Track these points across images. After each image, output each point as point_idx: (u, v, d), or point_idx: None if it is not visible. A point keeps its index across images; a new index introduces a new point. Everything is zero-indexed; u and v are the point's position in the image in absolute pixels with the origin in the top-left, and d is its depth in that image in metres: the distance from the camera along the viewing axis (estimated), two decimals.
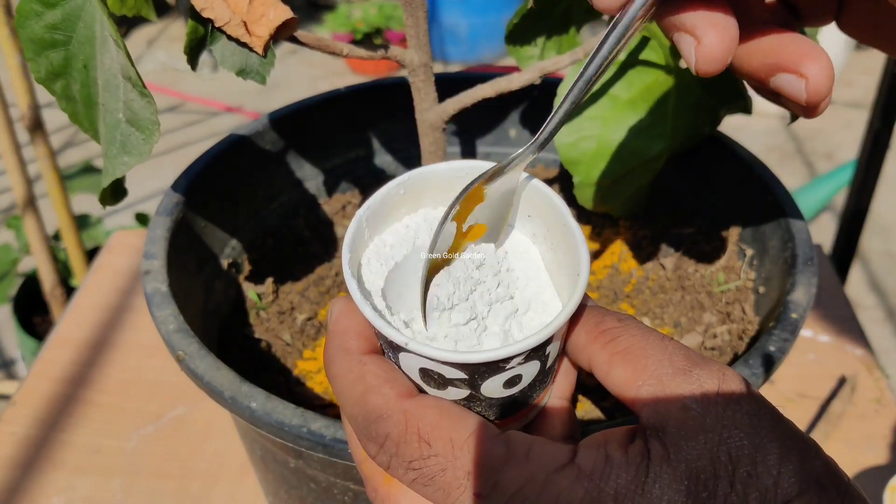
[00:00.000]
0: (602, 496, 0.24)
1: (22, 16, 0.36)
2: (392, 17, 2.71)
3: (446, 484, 0.26)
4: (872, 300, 1.77)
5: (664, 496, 0.23)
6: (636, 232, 0.57)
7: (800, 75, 0.28)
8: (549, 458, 0.25)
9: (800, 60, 0.28)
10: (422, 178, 0.32)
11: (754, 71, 0.30)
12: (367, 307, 0.28)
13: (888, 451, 0.63)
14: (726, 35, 0.27)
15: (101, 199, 0.39)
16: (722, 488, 0.23)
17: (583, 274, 0.28)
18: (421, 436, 0.26)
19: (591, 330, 0.29)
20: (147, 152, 0.36)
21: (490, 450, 0.25)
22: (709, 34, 0.27)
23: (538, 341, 0.27)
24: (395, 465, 0.27)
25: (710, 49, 0.27)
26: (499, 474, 0.25)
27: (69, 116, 0.40)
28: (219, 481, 0.61)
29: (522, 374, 0.28)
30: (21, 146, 1.08)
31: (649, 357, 0.27)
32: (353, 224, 0.30)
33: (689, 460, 0.24)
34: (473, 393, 0.29)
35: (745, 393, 0.25)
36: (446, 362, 0.27)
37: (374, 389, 0.27)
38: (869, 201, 1.05)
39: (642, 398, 0.26)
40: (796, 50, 0.28)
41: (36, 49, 0.37)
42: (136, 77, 0.35)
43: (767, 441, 0.24)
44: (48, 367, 0.71)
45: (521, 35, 0.50)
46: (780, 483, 0.23)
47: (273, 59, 0.37)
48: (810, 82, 0.28)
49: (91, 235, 1.41)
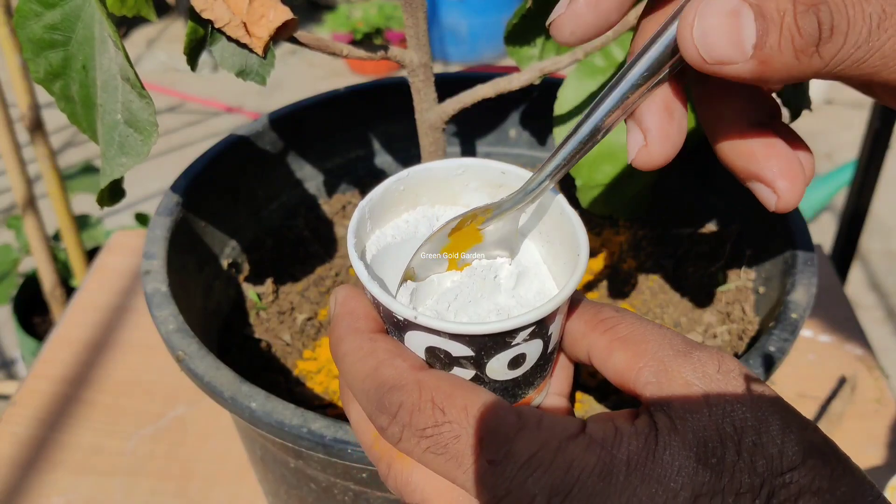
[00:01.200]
0: (615, 462, 0.24)
1: (21, 16, 0.36)
2: (392, 18, 2.71)
3: (459, 452, 0.26)
4: (872, 300, 1.77)
5: (675, 462, 0.24)
6: (636, 232, 0.57)
7: (773, 191, 0.30)
8: (561, 428, 0.25)
9: (774, 178, 0.30)
10: (420, 175, 0.33)
11: (737, 169, 0.32)
12: (375, 285, 0.28)
13: (888, 450, 0.63)
14: (669, 141, 0.30)
15: (99, 201, 0.39)
16: (730, 455, 0.24)
17: (583, 254, 0.29)
18: (435, 403, 0.26)
19: (590, 320, 0.30)
20: (145, 153, 0.36)
21: (504, 417, 0.26)
22: (651, 134, 0.30)
23: (544, 313, 0.27)
24: (408, 436, 0.27)
25: (650, 148, 0.30)
26: (512, 442, 0.25)
27: (68, 117, 0.40)
28: (219, 481, 0.61)
29: (526, 354, 0.29)
30: (21, 146, 1.08)
31: (649, 341, 0.28)
32: (357, 214, 0.31)
33: (696, 430, 0.24)
34: (479, 374, 0.29)
35: (742, 373, 0.26)
36: (454, 334, 0.27)
37: (386, 363, 0.28)
38: (869, 201, 1.05)
39: (644, 378, 0.27)
40: (774, 165, 0.30)
41: (35, 49, 0.37)
42: (134, 78, 0.35)
43: (769, 414, 0.25)
44: (48, 367, 0.71)
45: (520, 35, 0.50)
46: (785, 451, 0.24)
47: (273, 59, 0.37)
48: (780, 199, 0.30)
49: (91, 235, 1.41)
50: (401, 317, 0.28)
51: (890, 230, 1.97)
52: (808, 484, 0.23)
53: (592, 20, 0.29)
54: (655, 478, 0.24)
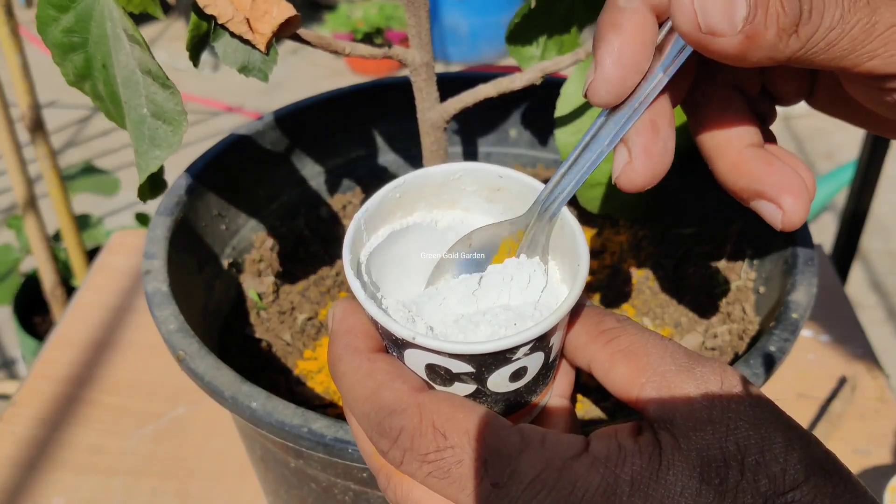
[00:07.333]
0: (618, 482, 0.24)
1: (42, 23, 0.36)
2: (392, 17, 2.71)
3: (462, 476, 0.26)
4: (873, 300, 1.77)
5: (678, 482, 0.24)
6: (636, 232, 0.57)
7: (777, 206, 0.31)
8: (564, 447, 0.25)
9: (778, 193, 0.31)
10: (417, 180, 0.33)
11: (739, 190, 0.33)
12: (372, 305, 0.28)
13: (888, 451, 0.63)
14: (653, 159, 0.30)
15: (141, 195, 0.39)
16: (733, 475, 0.24)
17: (583, 265, 0.29)
18: (436, 427, 0.26)
19: (591, 330, 0.30)
20: (177, 143, 0.36)
21: (506, 439, 0.26)
22: (636, 150, 0.30)
23: (544, 329, 0.27)
24: (410, 460, 0.26)
25: (635, 165, 0.30)
26: (516, 462, 0.25)
27: (105, 115, 0.40)
28: (219, 481, 0.61)
29: (528, 366, 0.29)
30: (22, 146, 1.08)
31: (651, 355, 0.27)
32: (352, 226, 0.31)
33: (700, 449, 0.24)
34: (480, 387, 0.29)
35: (745, 388, 0.26)
36: (454, 354, 0.27)
37: (385, 385, 0.27)
38: (869, 201, 1.05)
39: (646, 393, 0.27)
40: (777, 182, 0.31)
41: (60, 54, 0.37)
42: (157, 69, 0.35)
43: (771, 431, 0.25)
44: (49, 367, 0.71)
45: (522, 35, 0.50)
46: (788, 470, 0.24)
47: (275, 56, 0.37)
48: (785, 215, 0.31)
49: (91, 235, 1.41)
50: (399, 336, 0.28)
51: (890, 230, 1.97)
52: (810, 502, 0.23)
53: (622, 75, 0.29)
54: (658, 498, 0.24)
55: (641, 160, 0.30)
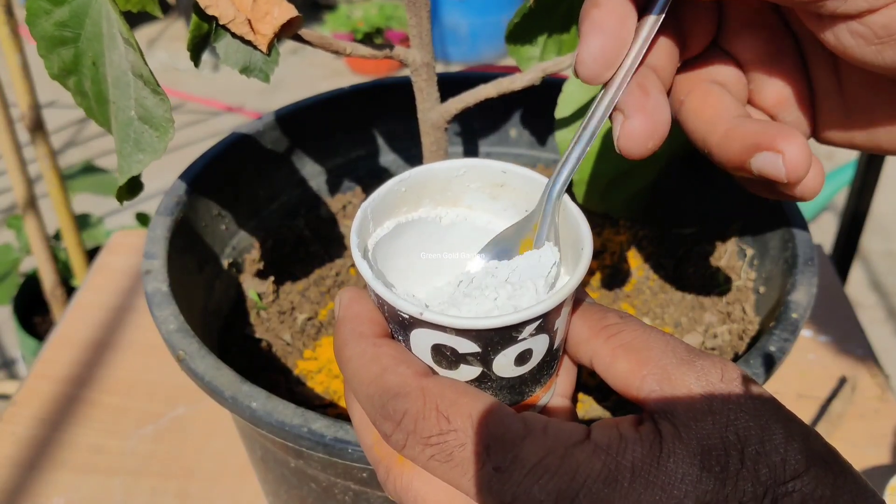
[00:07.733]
0: (619, 468, 0.24)
1: (32, 14, 0.37)
2: (392, 17, 2.71)
3: (465, 459, 0.26)
4: (873, 300, 1.77)
5: (679, 469, 0.24)
6: (636, 232, 0.57)
7: (776, 151, 0.30)
8: (566, 435, 0.26)
9: (774, 139, 0.30)
10: (422, 175, 0.33)
11: (734, 156, 0.32)
12: (379, 284, 0.28)
13: (889, 450, 0.63)
14: (647, 116, 0.31)
15: (118, 196, 0.39)
16: (733, 464, 0.24)
17: (586, 247, 0.29)
18: (440, 411, 0.26)
19: (594, 325, 0.30)
20: (162, 149, 0.36)
21: (509, 425, 0.26)
22: (629, 109, 0.31)
23: (549, 306, 0.27)
24: (412, 444, 0.27)
25: (631, 122, 0.31)
26: (518, 448, 0.25)
27: (85, 112, 0.40)
28: (219, 481, 0.61)
29: (533, 349, 0.29)
30: (22, 146, 1.08)
31: (652, 349, 0.28)
32: (359, 215, 0.31)
33: (700, 438, 0.25)
34: (485, 370, 0.29)
35: (745, 382, 0.26)
36: (461, 329, 0.27)
37: (390, 369, 0.28)
38: (869, 201, 1.05)
39: (648, 386, 0.27)
40: (770, 131, 0.31)
41: (48, 46, 0.37)
42: (148, 75, 0.35)
43: (772, 423, 0.25)
44: (49, 367, 0.71)
45: (521, 34, 0.50)
46: (788, 460, 0.24)
47: (277, 57, 0.37)
48: (787, 157, 0.30)
49: (91, 235, 1.41)
50: (406, 314, 0.28)
51: (890, 230, 1.97)
52: (810, 492, 0.23)
53: (604, 45, 0.30)
54: (659, 485, 0.24)
55: (636, 117, 0.31)
